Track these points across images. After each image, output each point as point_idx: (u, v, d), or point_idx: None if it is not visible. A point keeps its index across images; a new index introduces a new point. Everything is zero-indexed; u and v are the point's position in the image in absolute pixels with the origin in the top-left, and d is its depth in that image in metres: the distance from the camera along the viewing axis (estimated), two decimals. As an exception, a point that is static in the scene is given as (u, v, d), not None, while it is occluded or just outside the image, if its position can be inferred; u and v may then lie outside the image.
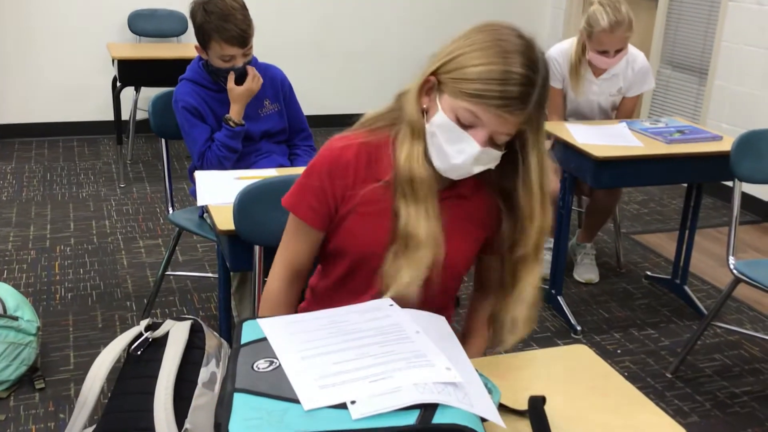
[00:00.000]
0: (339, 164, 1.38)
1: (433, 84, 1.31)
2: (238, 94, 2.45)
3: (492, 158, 1.31)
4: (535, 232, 1.36)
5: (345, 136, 1.42)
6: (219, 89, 2.52)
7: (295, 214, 1.43)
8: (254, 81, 2.47)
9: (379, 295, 1.34)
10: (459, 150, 1.28)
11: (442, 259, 1.35)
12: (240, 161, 2.54)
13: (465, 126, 1.27)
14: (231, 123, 2.46)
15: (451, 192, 1.40)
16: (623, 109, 3.26)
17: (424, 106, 1.33)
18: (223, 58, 2.44)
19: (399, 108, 1.37)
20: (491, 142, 1.29)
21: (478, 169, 1.32)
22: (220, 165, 2.48)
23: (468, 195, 1.41)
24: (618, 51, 3.00)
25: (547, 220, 1.36)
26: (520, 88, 1.23)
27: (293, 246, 1.47)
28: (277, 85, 2.60)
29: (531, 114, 1.26)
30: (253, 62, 2.55)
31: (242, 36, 2.41)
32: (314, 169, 1.41)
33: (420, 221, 1.32)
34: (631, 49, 3.11)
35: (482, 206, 1.43)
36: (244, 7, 2.45)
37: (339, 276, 1.48)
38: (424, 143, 1.33)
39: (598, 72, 3.13)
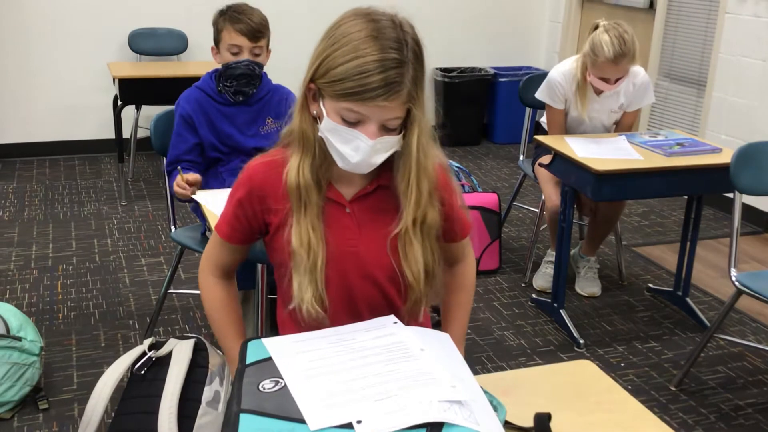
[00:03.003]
0: (254, 183, 1.39)
1: (315, 91, 1.31)
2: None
3: (391, 144, 1.31)
4: (412, 209, 1.35)
5: (264, 155, 1.43)
6: (224, 102, 2.55)
7: (219, 236, 1.45)
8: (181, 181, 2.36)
9: (294, 311, 1.35)
10: (354, 148, 1.28)
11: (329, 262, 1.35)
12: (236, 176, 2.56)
13: (353, 123, 1.27)
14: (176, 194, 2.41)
15: (376, 183, 1.39)
16: (623, 123, 3.26)
17: (314, 112, 1.33)
18: (231, 49, 2.49)
19: None
20: (384, 129, 1.29)
21: (381, 159, 1.31)
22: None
23: (389, 184, 1.40)
24: (619, 78, 3.00)
25: (423, 196, 1.35)
26: (390, 72, 1.23)
27: (220, 255, 1.48)
28: (282, 103, 2.62)
29: (410, 92, 1.26)
30: (265, 83, 2.58)
31: (252, 29, 2.47)
32: (234, 191, 1.42)
33: (294, 230, 1.33)
34: (632, 67, 3.08)
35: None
36: (262, 15, 2.53)
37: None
38: (312, 152, 1.33)
39: (599, 89, 3.12)
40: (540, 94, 3.23)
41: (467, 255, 1.58)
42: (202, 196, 2.28)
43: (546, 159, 3.09)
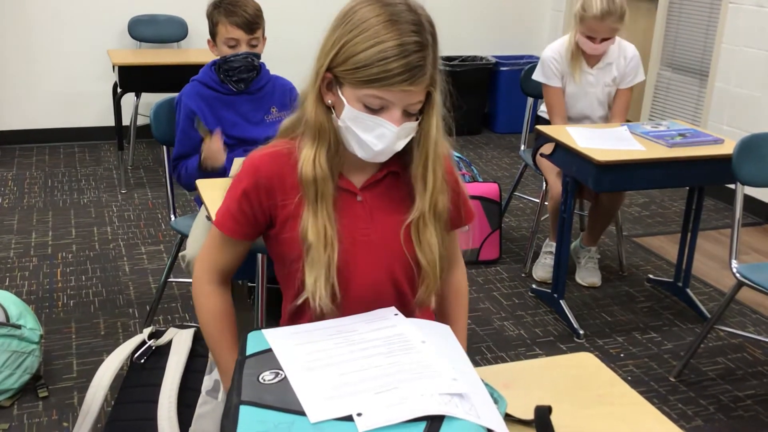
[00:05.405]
0: (261, 174, 1.35)
1: (330, 79, 1.29)
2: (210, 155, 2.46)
3: (411, 129, 1.30)
4: (429, 194, 1.34)
5: (266, 146, 1.39)
6: (226, 91, 2.55)
7: (223, 231, 1.38)
8: (213, 141, 2.44)
9: (303, 306, 1.33)
10: (378, 136, 1.27)
11: (346, 257, 1.32)
12: None
13: (375, 111, 1.26)
14: (207, 167, 2.46)
15: (386, 169, 1.38)
16: (618, 103, 3.30)
17: (329, 102, 1.31)
18: (228, 43, 2.49)
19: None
20: (406, 114, 1.28)
21: (401, 144, 1.30)
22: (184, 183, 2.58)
23: (399, 170, 1.39)
24: (604, 39, 3.08)
25: (438, 181, 1.34)
26: (415, 55, 1.22)
27: (220, 255, 1.42)
28: (285, 94, 2.63)
29: (432, 74, 1.26)
30: (264, 73, 2.57)
31: (248, 21, 2.47)
32: (237, 183, 1.37)
33: (311, 223, 1.30)
34: (622, 41, 3.21)
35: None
36: (256, 4, 2.52)
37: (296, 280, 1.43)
38: (327, 142, 1.31)
39: (592, 61, 3.20)
40: (536, 75, 3.34)
41: (460, 259, 1.55)
42: (204, 185, 2.28)
43: (547, 148, 3.08)
